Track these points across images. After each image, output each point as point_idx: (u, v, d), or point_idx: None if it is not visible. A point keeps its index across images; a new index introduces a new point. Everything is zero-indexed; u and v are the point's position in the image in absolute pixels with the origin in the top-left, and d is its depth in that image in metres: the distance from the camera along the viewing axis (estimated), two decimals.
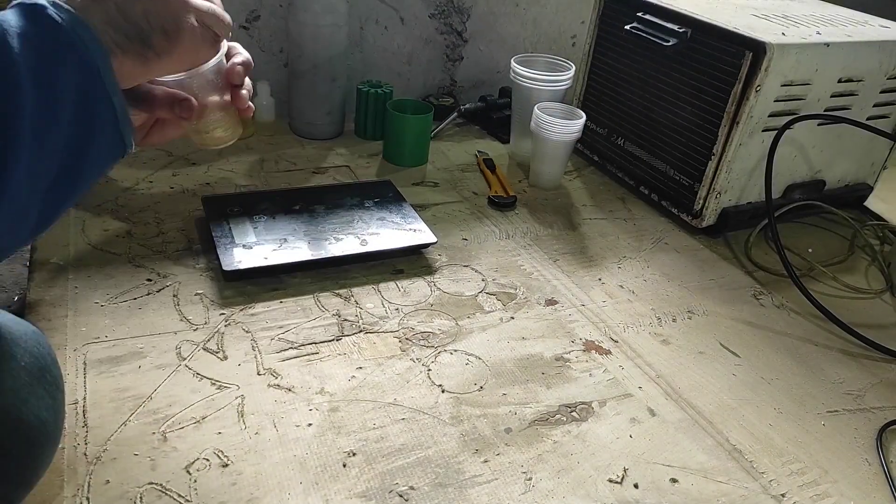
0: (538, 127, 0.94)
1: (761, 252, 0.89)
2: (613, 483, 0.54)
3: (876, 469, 0.59)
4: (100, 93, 0.45)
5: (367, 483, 0.52)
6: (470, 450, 0.56)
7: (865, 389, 0.68)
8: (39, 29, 0.42)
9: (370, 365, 0.63)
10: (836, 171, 0.97)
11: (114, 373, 0.58)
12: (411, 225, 0.82)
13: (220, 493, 0.49)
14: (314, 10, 0.95)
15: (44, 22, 0.43)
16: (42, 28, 0.43)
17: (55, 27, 0.43)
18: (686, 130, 0.90)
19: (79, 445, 0.51)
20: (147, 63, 0.47)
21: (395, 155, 1.00)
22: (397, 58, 1.17)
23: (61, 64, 0.43)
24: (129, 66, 0.46)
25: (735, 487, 0.55)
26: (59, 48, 0.43)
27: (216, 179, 0.89)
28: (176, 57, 0.49)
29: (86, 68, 0.44)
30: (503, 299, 0.74)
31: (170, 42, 0.48)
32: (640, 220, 0.94)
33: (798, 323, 0.77)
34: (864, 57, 0.87)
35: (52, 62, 0.43)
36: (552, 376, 0.64)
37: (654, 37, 0.89)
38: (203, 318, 0.65)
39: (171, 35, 0.48)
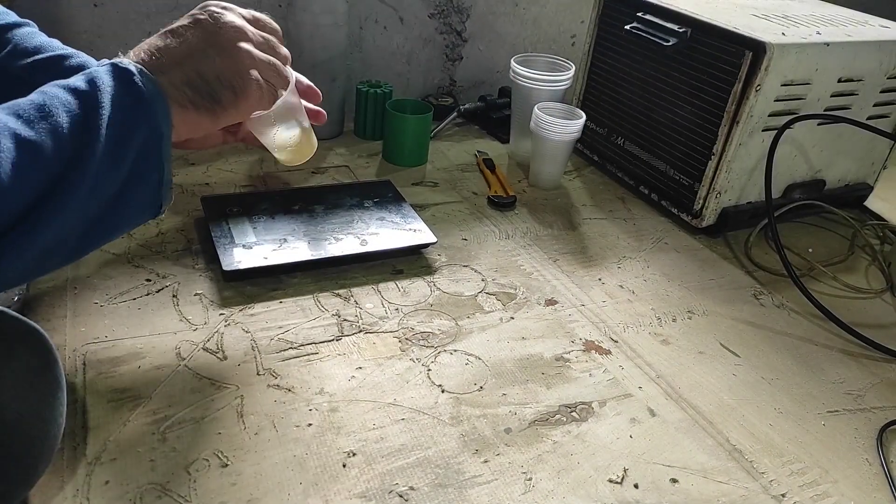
0: (538, 127, 0.94)
1: (761, 252, 0.89)
2: (613, 483, 0.54)
3: (876, 469, 0.59)
4: (155, 159, 0.51)
5: (366, 483, 0.52)
6: (470, 450, 0.56)
7: (866, 389, 0.68)
8: (127, 93, 0.49)
9: (370, 365, 0.63)
10: (836, 170, 0.97)
11: (114, 373, 0.58)
12: (411, 225, 0.81)
13: (219, 493, 0.49)
14: (313, 10, 0.95)
15: (132, 88, 0.49)
16: (129, 93, 0.49)
17: (139, 95, 0.49)
18: (686, 130, 0.90)
19: (79, 445, 0.51)
20: (216, 116, 0.54)
21: (394, 155, 1.00)
22: (397, 58, 1.17)
23: (136, 128, 0.49)
24: (199, 118, 0.54)
25: (735, 487, 0.55)
26: (139, 114, 0.49)
27: (216, 179, 0.89)
28: (242, 109, 0.56)
29: (153, 136, 0.50)
30: (503, 299, 0.74)
31: (237, 97, 0.55)
32: (640, 220, 0.94)
33: (798, 323, 0.77)
34: (864, 57, 0.87)
35: (129, 125, 0.49)
36: (552, 376, 0.64)
37: (653, 37, 0.89)
38: (203, 319, 0.65)
39: (238, 92, 0.54)
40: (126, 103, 0.49)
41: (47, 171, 0.44)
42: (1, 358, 0.43)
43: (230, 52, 0.54)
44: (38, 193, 0.44)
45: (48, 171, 0.44)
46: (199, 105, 0.54)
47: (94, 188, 0.48)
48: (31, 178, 0.44)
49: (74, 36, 0.68)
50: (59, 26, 0.94)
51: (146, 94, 0.50)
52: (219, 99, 0.54)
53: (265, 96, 0.57)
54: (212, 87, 0.53)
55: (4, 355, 0.43)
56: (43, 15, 0.93)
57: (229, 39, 0.55)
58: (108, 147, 0.48)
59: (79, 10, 0.94)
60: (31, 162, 0.43)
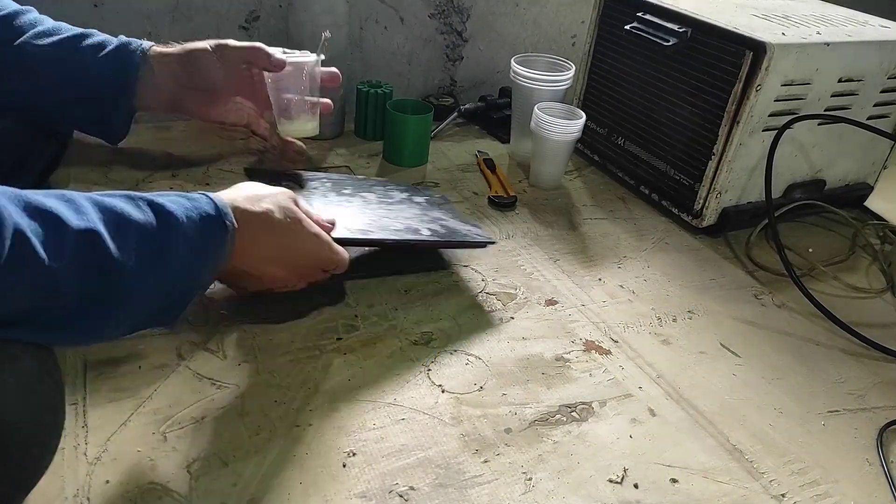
0: (538, 127, 0.94)
1: (762, 252, 0.89)
2: (614, 483, 0.54)
3: (877, 469, 0.59)
4: (186, 301, 0.53)
5: (366, 483, 0.52)
6: (470, 450, 0.56)
7: (866, 389, 0.68)
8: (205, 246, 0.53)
9: (370, 365, 0.63)
10: (836, 170, 0.97)
11: (114, 373, 0.58)
12: (466, 221, 0.81)
13: (220, 493, 0.49)
14: (314, 10, 0.95)
15: (212, 243, 0.54)
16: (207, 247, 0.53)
17: (215, 254, 0.54)
18: (686, 130, 0.90)
19: (79, 445, 0.51)
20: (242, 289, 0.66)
21: (395, 155, 1.00)
22: (397, 58, 1.17)
23: (191, 280, 0.53)
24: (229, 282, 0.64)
25: (736, 487, 0.55)
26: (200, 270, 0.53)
27: (216, 179, 0.89)
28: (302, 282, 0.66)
29: (197, 286, 0.54)
30: (503, 299, 0.74)
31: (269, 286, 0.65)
32: (641, 220, 0.94)
33: (799, 323, 0.77)
34: (865, 57, 0.87)
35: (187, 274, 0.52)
36: (552, 376, 0.64)
37: (654, 37, 0.89)
38: (203, 318, 0.65)
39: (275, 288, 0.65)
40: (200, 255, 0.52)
41: (104, 277, 0.45)
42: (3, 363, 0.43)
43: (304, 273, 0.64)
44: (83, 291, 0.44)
45: (104, 277, 0.45)
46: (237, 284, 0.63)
47: (136, 307, 0.49)
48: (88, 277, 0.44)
49: None
50: None
51: (220, 253, 0.55)
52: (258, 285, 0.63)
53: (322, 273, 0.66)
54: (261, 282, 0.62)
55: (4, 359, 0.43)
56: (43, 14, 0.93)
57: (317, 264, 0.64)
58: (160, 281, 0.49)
59: (79, 10, 0.94)
60: (92, 265, 0.44)
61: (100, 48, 0.68)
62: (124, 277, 0.46)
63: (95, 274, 0.44)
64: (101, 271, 0.45)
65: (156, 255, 0.48)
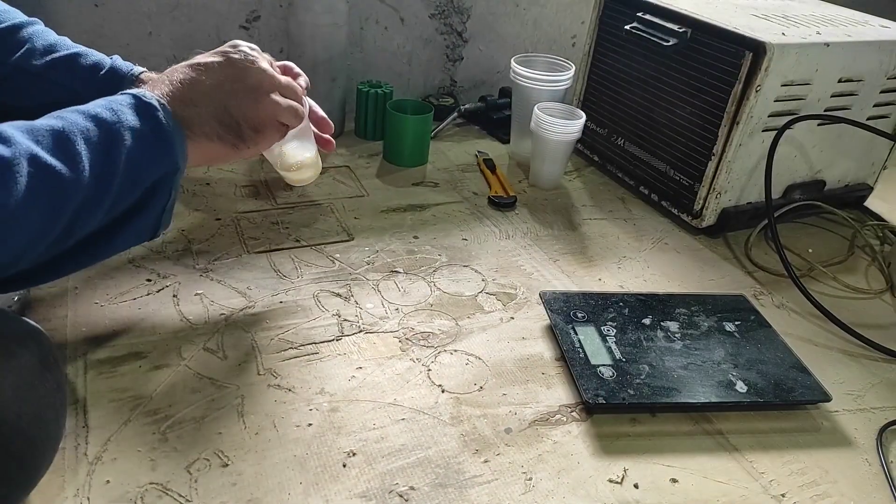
0: (538, 127, 0.94)
1: (761, 252, 0.89)
2: (613, 483, 0.54)
3: (876, 469, 0.59)
4: (166, 188, 0.53)
5: (367, 483, 0.52)
6: (470, 450, 0.56)
7: (865, 389, 0.68)
8: (149, 129, 0.50)
9: (370, 365, 0.63)
10: (836, 171, 0.97)
11: (114, 373, 0.58)
12: (788, 365, 0.66)
13: (220, 493, 0.49)
14: (314, 10, 0.95)
15: (155, 125, 0.51)
16: (152, 129, 0.51)
17: (161, 132, 0.51)
18: (686, 130, 0.90)
19: (79, 445, 0.51)
20: (237, 151, 0.59)
21: (395, 155, 1.00)
22: (397, 58, 1.17)
23: (155, 163, 0.51)
24: (220, 150, 0.57)
25: (735, 487, 0.55)
26: (159, 151, 0.51)
27: (216, 179, 0.89)
28: (259, 145, 0.60)
29: (169, 171, 0.52)
30: (503, 299, 0.74)
31: (257, 136, 0.59)
32: (640, 220, 0.94)
33: (798, 323, 0.77)
34: (864, 57, 0.87)
35: (148, 160, 0.50)
36: (552, 376, 0.64)
37: (654, 37, 0.89)
38: (203, 318, 0.65)
39: (259, 131, 0.59)
40: (148, 139, 0.50)
41: (63, 198, 0.45)
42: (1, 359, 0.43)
43: (260, 99, 0.58)
44: (48, 219, 0.44)
45: (63, 199, 0.45)
46: (224, 139, 0.57)
47: (105, 216, 0.49)
48: (44, 203, 0.44)
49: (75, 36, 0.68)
50: (60, 26, 0.94)
51: (168, 130, 0.52)
52: (243, 137, 0.58)
53: (278, 135, 0.62)
54: (238, 125, 0.57)
55: (4, 356, 0.43)
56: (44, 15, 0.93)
57: (260, 85, 0.58)
58: (125, 180, 0.49)
59: (79, 10, 0.94)
60: (47, 189, 0.44)
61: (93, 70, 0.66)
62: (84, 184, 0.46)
63: None
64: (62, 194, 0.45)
65: (103, 151, 0.48)
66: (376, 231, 0.83)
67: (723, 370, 0.64)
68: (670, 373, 0.63)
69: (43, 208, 0.44)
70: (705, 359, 0.66)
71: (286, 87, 0.61)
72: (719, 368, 0.65)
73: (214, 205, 0.84)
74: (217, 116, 0.56)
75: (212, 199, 0.85)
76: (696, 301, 0.74)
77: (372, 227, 0.84)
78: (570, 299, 0.71)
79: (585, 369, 0.62)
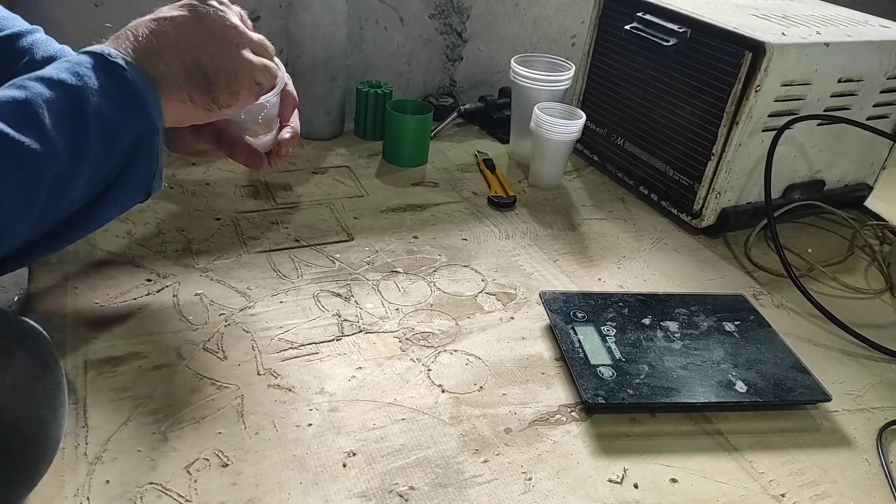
0: (538, 127, 0.94)
1: (761, 252, 0.89)
2: (613, 483, 0.54)
3: (876, 469, 0.59)
4: (149, 150, 0.51)
5: (366, 483, 0.52)
6: (470, 450, 0.56)
7: (865, 389, 0.68)
8: (117, 89, 0.48)
9: (370, 365, 0.63)
10: (835, 171, 0.97)
11: (114, 373, 0.58)
12: (788, 365, 0.66)
13: (220, 493, 0.49)
14: (314, 9, 0.95)
15: (122, 83, 0.48)
16: (120, 88, 0.48)
17: (132, 90, 0.48)
18: (686, 130, 0.90)
19: (79, 445, 0.51)
20: (210, 111, 0.55)
21: (394, 155, 1.00)
22: (397, 58, 1.17)
23: (128, 122, 0.48)
24: (192, 109, 0.54)
25: (735, 487, 0.55)
26: (131, 109, 0.48)
27: (216, 179, 0.89)
28: (234, 107, 0.57)
29: (146, 128, 0.50)
30: (503, 299, 0.74)
31: (231, 97, 0.55)
32: (640, 220, 0.94)
33: (798, 323, 0.77)
34: (864, 57, 0.87)
35: (121, 120, 0.48)
36: (552, 376, 0.64)
37: (653, 37, 0.89)
38: (203, 318, 0.65)
39: (233, 92, 0.55)
40: (118, 99, 0.47)
41: (35, 174, 0.43)
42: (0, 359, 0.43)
43: (231, 54, 0.55)
44: (24, 198, 0.43)
45: (36, 175, 0.43)
46: (197, 101, 0.53)
47: (86, 185, 0.48)
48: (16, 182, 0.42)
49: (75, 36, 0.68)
50: (60, 26, 0.94)
51: (138, 88, 0.48)
52: (216, 96, 0.54)
53: (255, 95, 0.58)
54: (211, 81, 0.53)
55: (4, 356, 0.43)
56: (43, 15, 0.93)
57: (229, 39, 0.55)
58: (100, 146, 0.47)
59: (79, 9, 0.94)
60: (17, 166, 0.42)
61: None
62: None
63: None
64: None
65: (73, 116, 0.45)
66: (376, 231, 0.83)
67: (722, 370, 0.64)
68: (670, 373, 0.63)
69: (16, 187, 0.42)
70: (705, 359, 0.66)
71: (258, 45, 0.58)
72: (719, 368, 0.65)
73: (214, 205, 0.84)
74: (187, 72, 0.52)
75: (211, 199, 0.85)
76: (695, 301, 0.74)
77: (372, 227, 0.84)
78: (569, 299, 0.72)
79: (585, 369, 0.62)
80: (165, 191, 0.85)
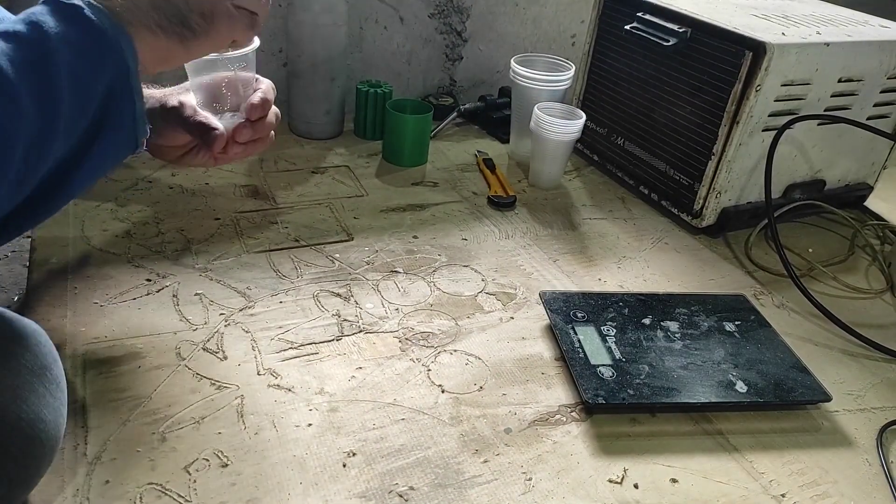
0: (538, 127, 0.94)
1: (761, 252, 0.89)
2: (613, 483, 0.54)
3: (876, 469, 0.59)
4: (126, 93, 0.48)
5: (366, 483, 0.52)
6: (470, 450, 0.56)
7: (866, 389, 0.68)
8: (81, 33, 0.44)
9: (370, 365, 0.63)
10: (836, 170, 0.97)
11: (114, 373, 0.58)
12: (788, 365, 0.66)
13: (219, 493, 0.49)
14: (313, 9, 0.95)
15: (85, 26, 0.44)
16: (84, 32, 0.44)
17: (98, 32, 0.45)
18: (686, 130, 0.90)
19: (79, 445, 0.51)
20: (186, 43, 0.51)
21: (394, 155, 1.00)
22: (397, 57, 1.17)
23: (99, 67, 0.45)
24: (169, 46, 0.50)
25: (735, 487, 0.55)
26: (101, 53, 0.45)
27: (216, 179, 0.89)
28: (213, 37, 0.52)
29: (119, 71, 0.47)
30: (503, 299, 0.74)
31: (207, 23, 0.51)
32: (640, 220, 0.94)
33: (798, 323, 0.77)
34: (864, 57, 0.87)
35: (91, 66, 0.45)
36: (552, 376, 0.64)
37: (654, 37, 0.89)
38: (203, 318, 0.65)
39: (207, 16, 0.51)
40: (83, 44, 0.44)
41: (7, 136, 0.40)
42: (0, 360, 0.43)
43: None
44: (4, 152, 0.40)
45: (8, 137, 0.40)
46: (168, 30, 0.50)
47: (65, 141, 0.45)
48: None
49: None
50: None
51: (103, 29, 0.45)
52: (189, 24, 0.50)
53: (239, 24, 0.54)
54: (180, 11, 0.50)
55: (4, 357, 0.43)
56: None
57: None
58: (72, 97, 0.44)
59: None
60: None
61: None
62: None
63: None
64: None
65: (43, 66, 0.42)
66: (376, 231, 0.83)
67: (723, 370, 0.64)
68: (670, 373, 0.63)
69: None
70: (705, 359, 0.66)
71: None
72: (719, 368, 0.65)
73: (214, 204, 0.84)
74: (155, 4, 0.48)
75: (211, 198, 0.85)
76: (696, 301, 0.74)
77: (371, 227, 0.84)
78: (569, 299, 0.71)
79: (585, 369, 0.62)
80: (166, 191, 0.85)
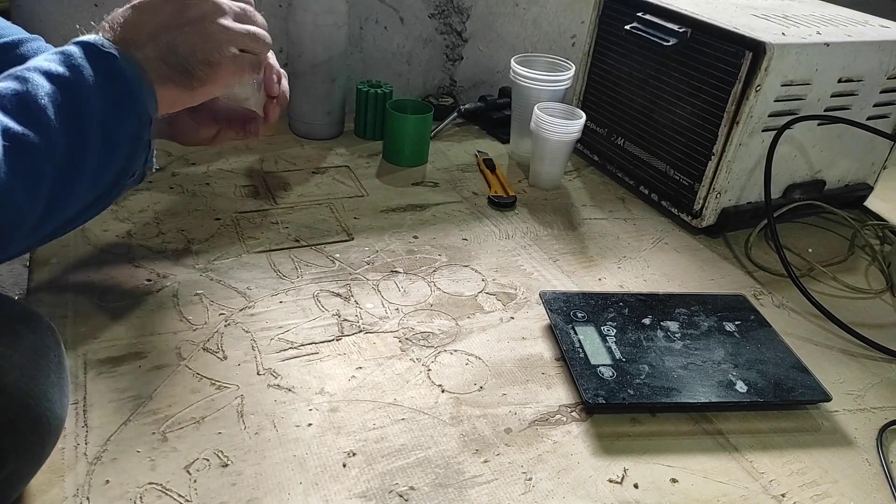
0: (538, 127, 0.94)
1: (761, 252, 0.89)
2: (613, 483, 0.54)
3: (876, 469, 0.59)
4: (144, 142, 0.51)
5: (366, 483, 0.52)
6: (470, 450, 0.56)
7: (865, 389, 0.68)
8: (113, 81, 0.48)
9: (370, 365, 0.63)
10: (836, 170, 0.97)
11: (114, 373, 0.58)
12: (788, 365, 0.66)
13: (219, 493, 0.49)
14: (314, 10, 0.95)
15: (118, 76, 0.48)
16: (116, 80, 0.48)
17: (127, 83, 0.48)
18: (686, 130, 0.90)
19: (79, 445, 0.51)
20: (192, 91, 0.54)
21: (394, 155, 1.00)
22: (397, 58, 1.17)
23: (127, 119, 0.49)
24: (176, 93, 0.53)
25: (735, 487, 0.55)
26: (129, 103, 0.49)
27: (216, 179, 0.89)
28: (218, 82, 0.55)
29: (143, 121, 0.50)
30: (503, 299, 0.74)
31: (212, 70, 0.54)
32: (640, 220, 0.94)
33: (798, 323, 0.77)
34: (864, 57, 0.87)
35: (120, 118, 0.48)
36: (552, 376, 0.64)
37: (654, 37, 0.89)
38: (203, 319, 0.65)
39: (213, 64, 0.54)
40: (115, 92, 0.47)
41: (40, 170, 0.43)
42: (7, 338, 0.43)
43: (204, 27, 0.53)
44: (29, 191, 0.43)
45: (41, 170, 0.43)
46: (176, 80, 0.52)
47: (93, 180, 0.48)
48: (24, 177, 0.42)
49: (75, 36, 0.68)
50: (60, 26, 0.94)
51: (132, 80, 0.49)
52: (194, 74, 0.53)
53: (245, 66, 0.56)
54: (186, 61, 0.52)
55: (10, 336, 0.43)
56: (43, 15, 0.93)
57: (203, 14, 0.53)
58: (100, 139, 0.47)
59: (79, 9, 0.94)
60: (25, 161, 0.42)
61: None
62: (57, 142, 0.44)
63: None
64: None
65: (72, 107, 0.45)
66: (376, 231, 0.83)
67: (723, 370, 0.64)
68: (670, 373, 0.63)
69: (24, 183, 0.42)
70: (705, 359, 0.66)
71: (239, 14, 0.56)
72: (719, 368, 0.65)
73: (214, 205, 0.84)
74: (163, 57, 0.51)
75: (211, 198, 0.85)
76: (695, 301, 0.74)
77: (372, 227, 0.84)
78: (569, 299, 0.71)
79: (585, 369, 0.62)
80: (166, 191, 0.85)
